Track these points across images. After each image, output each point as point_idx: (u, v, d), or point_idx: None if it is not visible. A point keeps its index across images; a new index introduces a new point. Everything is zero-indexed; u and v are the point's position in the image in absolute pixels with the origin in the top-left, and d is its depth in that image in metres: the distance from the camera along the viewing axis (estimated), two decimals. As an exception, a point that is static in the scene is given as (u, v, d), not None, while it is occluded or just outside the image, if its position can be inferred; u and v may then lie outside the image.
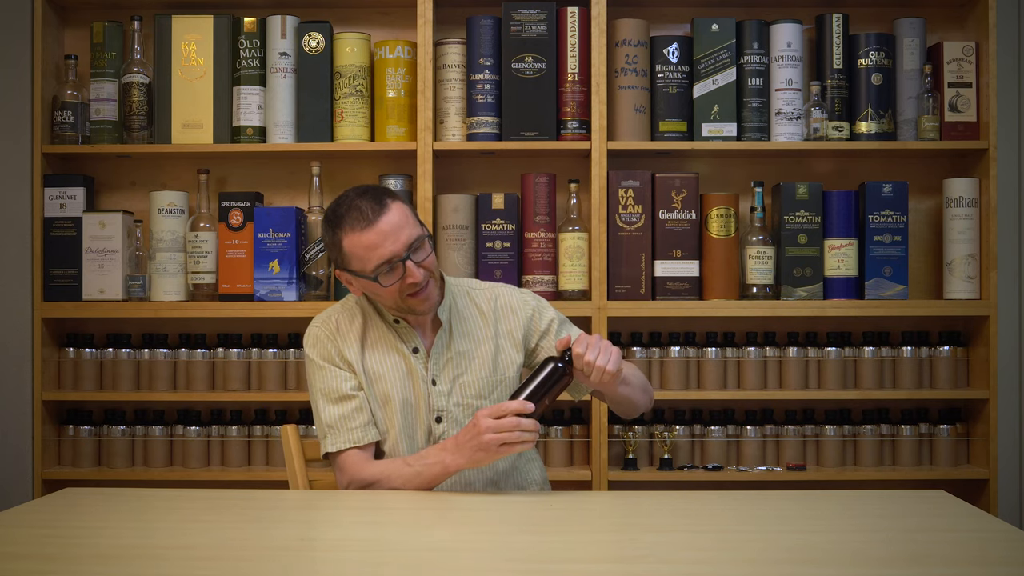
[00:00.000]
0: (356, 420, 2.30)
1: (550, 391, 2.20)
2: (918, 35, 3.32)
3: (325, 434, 2.32)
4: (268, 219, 3.25)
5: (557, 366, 2.21)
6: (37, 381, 3.29)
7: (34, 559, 1.74)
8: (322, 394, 2.33)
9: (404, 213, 2.25)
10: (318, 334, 2.36)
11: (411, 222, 2.25)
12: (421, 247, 2.24)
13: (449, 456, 2.18)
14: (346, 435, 2.29)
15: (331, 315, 2.39)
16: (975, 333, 3.31)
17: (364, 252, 2.22)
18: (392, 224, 2.21)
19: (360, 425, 2.30)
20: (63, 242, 3.29)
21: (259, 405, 3.35)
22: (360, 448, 2.30)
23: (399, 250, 2.21)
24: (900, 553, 1.78)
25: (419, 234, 2.25)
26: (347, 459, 2.29)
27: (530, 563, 1.71)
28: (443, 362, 2.35)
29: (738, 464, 3.30)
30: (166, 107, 3.30)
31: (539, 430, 2.17)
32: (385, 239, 2.20)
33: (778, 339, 3.36)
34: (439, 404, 2.34)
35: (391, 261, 2.21)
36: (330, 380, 2.32)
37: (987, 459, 3.23)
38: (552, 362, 2.21)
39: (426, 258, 2.25)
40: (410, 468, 2.23)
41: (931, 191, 3.43)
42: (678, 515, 2.07)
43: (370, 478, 2.26)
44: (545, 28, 3.25)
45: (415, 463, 2.23)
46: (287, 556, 1.77)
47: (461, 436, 2.18)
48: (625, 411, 2.45)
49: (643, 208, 3.26)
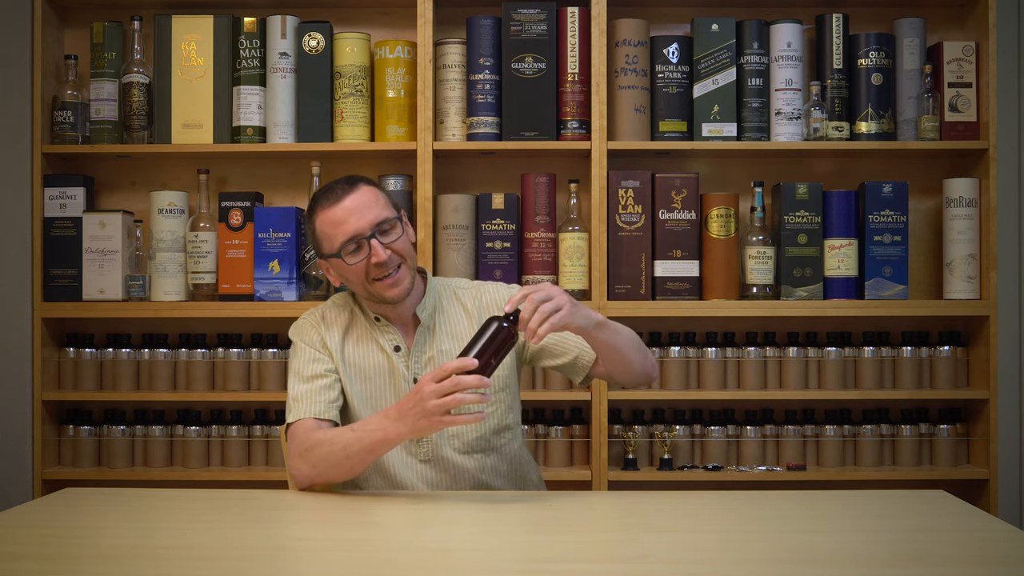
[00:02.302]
0: (321, 396, 2.27)
1: (495, 349, 2.05)
2: (918, 35, 3.32)
3: (290, 408, 2.29)
4: (268, 219, 3.25)
5: (501, 325, 2.06)
6: (37, 381, 3.29)
7: (34, 559, 1.74)
8: (295, 372, 2.32)
9: (374, 195, 2.26)
10: (303, 322, 2.39)
11: (381, 204, 2.26)
12: (391, 229, 2.25)
13: (391, 424, 2.10)
14: (307, 407, 2.26)
15: (319, 308, 2.41)
16: (975, 333, 3.31)
17: (331, 229, 2.24)
18: (359, 202, 2.24)
19: (324, 400, 2.27)
20: (63, 242, 3.29)
21: (259, 405, 3.35)
22: (316, 419, 2.25)
23: (364, 227, 2.22)
24: (900, 553, 1.78)
25: (388, 216, 2.25)
26: (299, 426, 2.24)
27: (530, 563, 1.71)
28: (424, 360, 2.33)
29: (738, 464, 3.30)
30: (166, 107, 3.30)
31: (487, 392, 2.04)
32: (350, 215, 2.22)
33: (778, 339, 3.36)
34: None
35: (356, 238, 2.22)
36: (305, 360, 2.32)
37: (987, 459, 3.23)
38: (496, 321, 2.07)
39: (396, 240, 2.25)
40: (353, 433, 2.16)
41: (931, 191, 3.43)
42: (678, 515, 2.07)
43: (313, 442, 2.20)
44: (545, 28, 3.25)
45: (358, 429, 2.17)
46: (287, 556, 1.77)
47: (404, 403, 2.09)
48: (620, 370, 2.30)
49: (643, 208, 3.26)
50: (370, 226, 2.23)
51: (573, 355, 2.33)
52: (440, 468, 2.33)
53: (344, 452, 2.16)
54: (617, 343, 2.24)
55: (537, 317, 2.05)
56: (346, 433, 2.18)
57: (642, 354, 2.33)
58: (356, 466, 2.17)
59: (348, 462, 2.16)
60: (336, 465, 2.17)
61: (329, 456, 2.17)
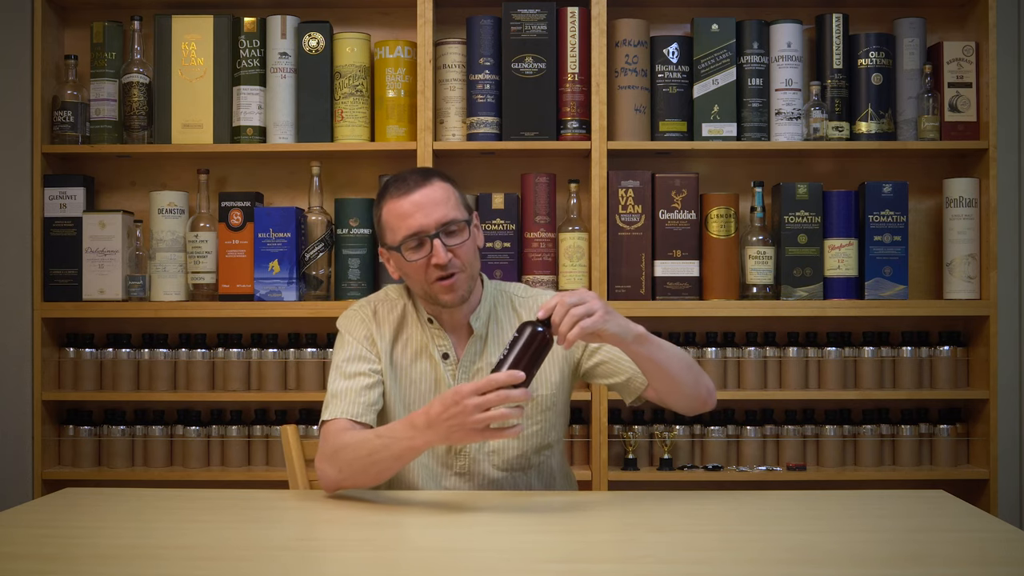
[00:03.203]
0: (361, 397, 2.19)
1: (531, 358, 1.95)
2: (918, 35, 3.32)
3: (327, 404, 2.22)
4: (268, 219, 3.25)
5: (536, 330, 1.97)
6: (37, 381, 3.29)
7: (34, 559, 1.74)
8: (337, 366, 2.24)
9: (446, 192, 2.18)
10: (353, 315, 2.30)
11: (452, 203, 2.17)
12: (458, 232, 2.17)
13: (419, 433, 1.99)
14: (344, 406, 2.18)
15: (371, 301, 2.32)
16: (975, 333, 3.31)
17: (396, 221, 2.16)
18: (429, 198, 2.15)
19: (363, 402, 2.19)
20: (63, 242, 3.29)
21: (259, 405, 3.35)
22: (351, 420, 2.17)
23: (429, 225, 2.15)
24: (900, 553, 1.78)
25: (456, 217, 2.17)
26: (332, 426, 2.17)
27: (530, 563, 1.71)
28: (472, 372, 2.26)
29: (738, 464, 3.30)
30: (166, 107, 3.30)
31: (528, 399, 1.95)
32: (418, 210, 2.14)
33: (778, 339, 3.36)
34: None
35: (419, 235, 2.15)
36: (350, 355, 2.24)
37: (987, 459, 3.23)
38: (530, 326, 1.98)
39: (460, 244, 2.16)
40: (379, 439, 2.06)
41: (931, 191, 3.43)
42: (678, 515, 2.07)
43: (341, 444, 2.11)
44: (545, 28, 3.25)
45: (384, 434, 2.07)
46: (287, 556, 1.77)
47: (434, 411, 1.96)
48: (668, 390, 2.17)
49: (643, 208, 3.26)
50: (436, 224, 2.15)
51: (626, 376, 2.24)
52: (475, 483, 2.27)
53: (370, 458, 2.07)
54: (660, 359, 2.12)
55: (568, 320, 1.96)
56: (372, 439, 2.09)
57: (693, 375, 2.20)
58: (382, 472, 2.09)
59: (374, 468, 2.08)
60: (362, 471, 2.09)
61: (355, 461, 2.09)
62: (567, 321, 1.97)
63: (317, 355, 3.30)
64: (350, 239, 3.26)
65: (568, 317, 1.97)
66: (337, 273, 3.29)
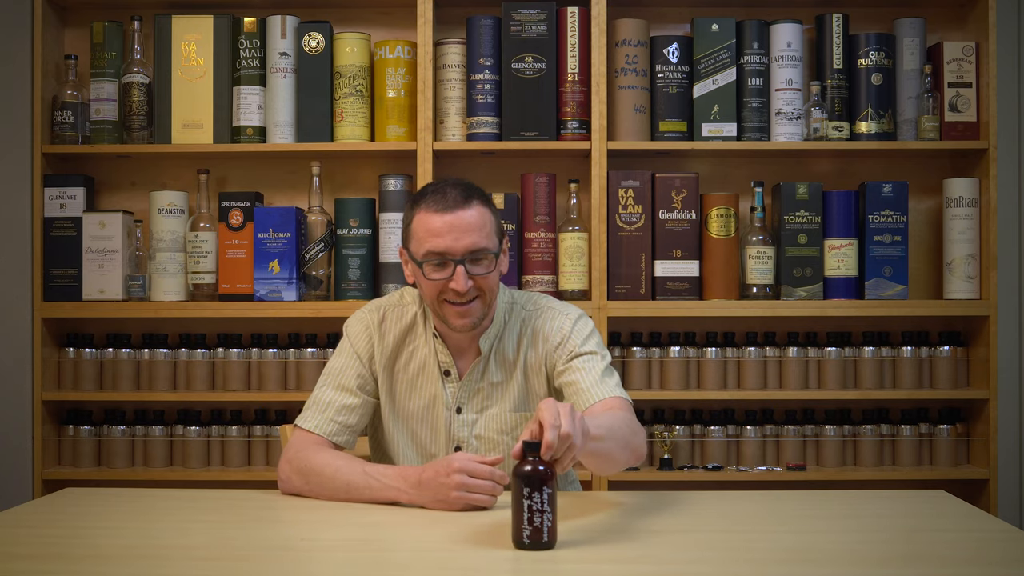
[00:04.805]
0: (341, 416, 2.21)
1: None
2: (918, 35, 3.32)
3: (309, 407, 2.24)
4: (268, 219, 3.25)
5: (535, 470, 1.76)
6: (37, 381, 3.29)
7: (34, 559, 1.74)
8: (331, 371, 2.25)
9: (482, 219, 2.13)
10: (359, 322, 2.28)
11: (486, 231, 2.13)
12: (483, 260, 2.13)
13: (410, 489, 2.02)
14: (322, 421, 2.20)
15: (381, 306, 2.30)
16: (975, 333, 3.31)
17: (424, 234, 2.11)
18: (464, 221, 2.10)
19: (341, 422, 2.21)
20: (63, 242, 3.29)
21: (259, 405, 3.35)
22: (324, 438, 2.19)
23: (457, 250, 2.10)
24: (900, 553, 1.78)
25: (487, 246, 2.12)
26: (308, 438, 2.18)
27: (530, 563, 1.71)
28: (472, 391, 2.25)
29: (738, 464, 3.30)
30: (166, 107, 3.30)
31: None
32: (449, 231, 2.09)
33: (778, 339, 3.36)
34: (460, 434, 2.25)
35: (444, 256, 2.10)
36: (346, 366, 2.24)
37: (987, 459, 3.23)
38: (523, 468, 1.77)
39: (484, 274, 2.13)
40: (364, 477, 2.07)
41: (931, 191, 3.43)
42: (678, 515, 2.07)
43: (317, 464, 2.12)
44: (545, 28, 3.25)
45: (372, 474, 2.08)
46: (287, 556, 1.77)
47: (427, 475, 2.00)
48: (604, 469, 2.09)
49: (643, 208, 3.26)
50: (464, 251, 2.10)
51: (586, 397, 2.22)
52: None
53: (346, 489, 2.09)
54: (607, 452, 2.01)
55: (566, 456, 1.81)
56: (355, 471, 2.09)
57: (629, 452, 2.09)
58: (353, 501, 2.10)
59: (346, 496, 2.10)
60: (332, 494, 2.11)
61: (328, 484, 2.11)
62: (566, 457, 1.82)
63: (317, 355, 3.30)
64: (350, 239, 3.26)
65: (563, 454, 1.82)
66: (337, 273, 3.29)
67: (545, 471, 1.76)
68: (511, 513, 1.77)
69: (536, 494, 1.75)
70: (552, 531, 1.75)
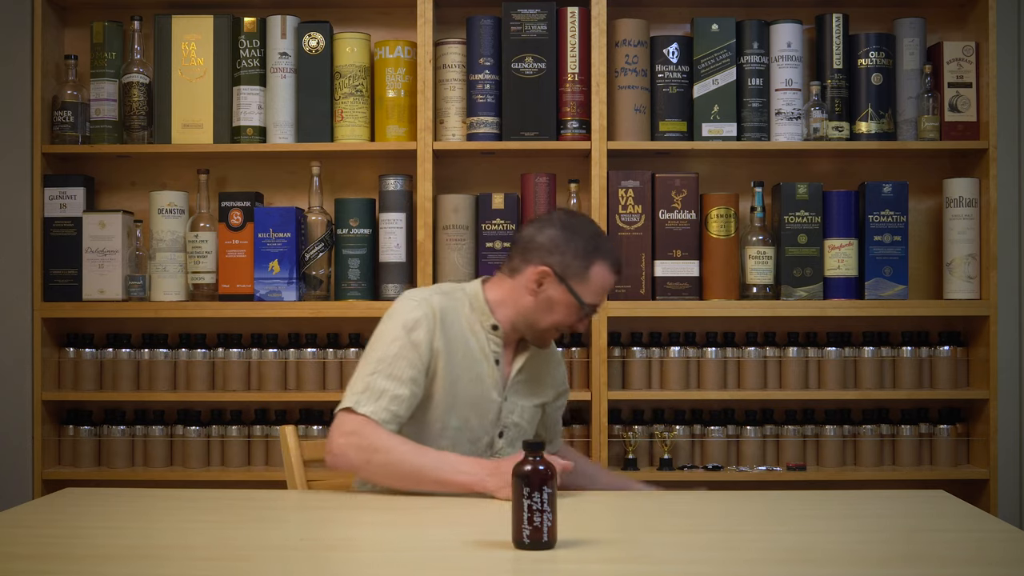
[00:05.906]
0: (393, 406, 2.22)
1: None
2: (918, 35, 3.32)
3: (362, 390, 2.23)
4: (268, 219, 3.25)
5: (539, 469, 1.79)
6: (37, 381, 3.29)
7: (34, 559, 1.74)
8: (385, 358, 2.26)
9: None
10: (418, 312, 2.30)
11: None
12: None
13: (481, 475, 2.15)
14: (377, 408, 2.21)
15: (436, 297, 2.35)
16: (975, 333, 3.31)
17: (600, 289, 2.37)
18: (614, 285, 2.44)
19: (392, 412, 2.22)
20: (63, 242, 3.29)
21: (259, 405, 3.35)
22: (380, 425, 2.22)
23: (600, 305, 2.41)
24: (900, 553, 1.78)
25: None
26: (366, 423, 2.20)
27: (530, 563, 1.71)
28: (518, 380, 2.42)
29: (738, 464, 3.30)
30: (166, 107, 3.30)
31: None
32: (608, 291, 2.42)
33: (778, 339, 3.36)
34: (507, 420, 2.39)
35: (595, 306, 2.38)
36: (403, 354, 2.26)
37: (987, 459, 3.23)
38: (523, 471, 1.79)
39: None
40: (436, 461, 2.17)
41: (931, 191, 3.43)
42: (678, 515, 2.07)
43: (384, 445, 2.17)
44: (545, 28, 3.25)
45: (445, 463, 2.18)
46: (287, 556, 1.77)
47: (505, 465, 2.10)
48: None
49: (643, 208, 3.26)
50: (600, 307, 2.45)
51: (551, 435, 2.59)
52: None
53: (414, 474, 2.17)
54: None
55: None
56: (427, 454, 2.20)
57: None
58: (410, 486, 2.18)
59: (408, 480, 2.17)
60: (393, 477, 2.18)
61: (396, 464, 2.17)
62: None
63: (317, 355, 3.30)
64: (350, 239, 3.26)
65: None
66: (337, 273, 3.29)
67: (545, 471, 1.78)
68: (511, 513, 1.77)
69: (536, 494, 1.76)
70: (552, 531, 1.76)
